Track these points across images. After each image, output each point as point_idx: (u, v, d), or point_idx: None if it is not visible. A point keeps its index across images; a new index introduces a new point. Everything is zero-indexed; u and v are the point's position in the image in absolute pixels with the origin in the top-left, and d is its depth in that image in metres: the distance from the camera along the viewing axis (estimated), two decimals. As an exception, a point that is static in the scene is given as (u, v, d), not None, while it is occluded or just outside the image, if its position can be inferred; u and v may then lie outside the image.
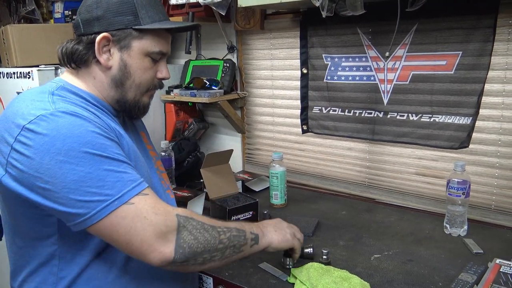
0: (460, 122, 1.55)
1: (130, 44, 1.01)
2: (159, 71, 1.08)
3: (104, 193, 0.86)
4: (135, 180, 0.91)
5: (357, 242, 1.41)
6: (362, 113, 1.79)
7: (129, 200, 0.88)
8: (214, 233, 0.96)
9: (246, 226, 1.06)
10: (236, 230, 1.01)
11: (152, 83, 1.08)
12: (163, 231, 0.89)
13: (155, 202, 0.92)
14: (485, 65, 1.46)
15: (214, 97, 1.99)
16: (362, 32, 1.72)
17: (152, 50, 1.03)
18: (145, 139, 1.24)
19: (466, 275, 1.15)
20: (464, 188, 1.38)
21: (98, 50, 0.99)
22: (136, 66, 1.03)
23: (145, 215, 0.88)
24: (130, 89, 1.04)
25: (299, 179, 2.08)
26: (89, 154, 0.86)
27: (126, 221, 0.87)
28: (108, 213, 0.86)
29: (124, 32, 1.00)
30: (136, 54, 1.02)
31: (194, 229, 0.93)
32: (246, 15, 2.01)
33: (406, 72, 1.64)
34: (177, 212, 0.94)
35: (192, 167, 2.05)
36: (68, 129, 0.86)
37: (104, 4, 0.99)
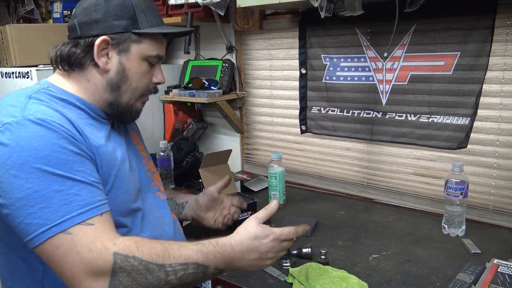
0: (458, 123, 1.55)
1: (129, 47, 1.01)
2: (155, 75, 1.08)
3: (45, 216, 0.80)
4: (85, 205, 0.84)
5: (355, 242, 1.41)
6: (361, 113, 1.79)
7: (67, 229, 0.81)
8: (160, 274, 0.86)
9: (213, 260, 0.93)
10: (195, 266, 0.90)
11: (147, 88, 1.08)
12: (94, 271, 0.81)
13: (95, 236, 0.83)
14: (483, 65, 1.46)
15: (213, 97, 1.99)
16: (361, 32, 1.72)
17: (150, 54, 1.03)
18: (136, 138, 1.22)
19: (464, 275, 1.15)
20: (462, 189, 1.38)
21: (97, 53, 0.98)
22: (134, 70, 1.02)
23: (79, 249, 0.81)
24: (125, 93, 1.03)
25: (297, 179, 2.09)
26: (41, 170, 0.81)
27: (59, 252, 0.81)
28: (44, 240, 0.80)
29: (123, 36, 1.00)
30: (134, 58, 1.02)
31: (133, 270, 0.83)
32: (245, 15, 2.01)
33: (404, 72, 1.65)
34: (116, 250, 0.83)
35: (191, 167, 2.05)
36: (28, 141, 0.83)
37: (103, 7, 0.99)
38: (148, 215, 1.08)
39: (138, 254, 0.85)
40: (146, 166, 1.18)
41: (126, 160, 1.05)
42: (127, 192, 1.01)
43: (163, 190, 1.22)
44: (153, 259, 0.86)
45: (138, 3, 1.01)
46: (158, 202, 1.16)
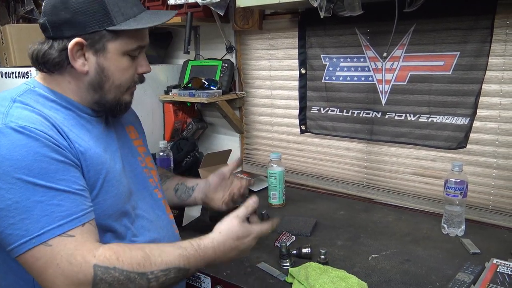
0: (458, 123, 1.56)
1: (105, 46, 0.94)
2: (139, 66, 1.03)
3: (25, 228, 0.80)
4: (66, 216, 0.83)
5: (355, 242, 1.41)
6: (360, 113, 1.79)
7: (47, 240, 0.80)
8: (142, 281, 0.86)
9: (194, 263, 0.94)
10: (177, 270, 0.91)
11: (133, 81, 1.03)
12: (75, 283, 0.81)
13: (75, 248, 0.82)
14: (483, 65, 1.47)
15: (212, 97, 1.99)
16: (360, 32, 1.72)
17: (130, 48, 0.97)
18: (133, 134, 1.19)
19: (463, 275, 1.15)
20: (461, 188, 1.39)
21: (72, 56, 0.93)
22: (114, 68, 0.97)
23: (58, 262, 0.80)
24: (109, 91, 0.99)
25: (297, 179, 2.09)
26: (22, 181, 0.80)
27: (39, 264, 0.81)
28: (24, 251, 0.80)
29: (98, 35, 0.93)
30: (113, 55, 0.96)
31: (115, 281, 0.83)
32: (245, 15, 2.01)
33: (404, 72, 1.65)
34: (95, 262, 0.82)
35: (191, 167, 2.05)
36: (9, 150, 0.81)
37: (72, 4, 0.91)
38: (141, 218, 1.06)
39: (119, 265, 0.84)
40: (142, 163, 1.16)
41: (118, 160, 1.03)
42: (117, 195, 0.98)
43: (160, 188, 1.21)
44: (134, 268, 0.86)
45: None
46: (154, 202, 1.14)
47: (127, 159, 1.09)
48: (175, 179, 1.42)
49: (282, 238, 1.42)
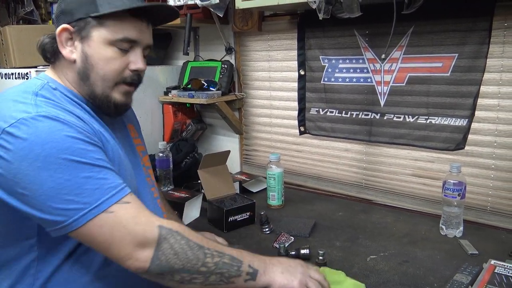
0: (456, 124, 1.56)
1: (90, 33, 0.95)
2: (132, 62, 1.00)
3: (82, 201, 0.83)
4: (115, 187, 0.88)
5: (353, 243, 1.41)
6: (359, 114, 1.80)
7: (108, 208, 0.85)
8: (199, 253, 0.90)
9: (247, 257, 0.96)
10: (230, 258, 0.93)
11: (121, 76, 1.00)
12: (142, 241, 0.86)
13: (137, 211, 0.89)
14: (481, 67, 1.47)
15: (212, 98, 1.99)
16: (359, 34, 1.73)
17: (115, 37, 0.96)
18: (133, 132, 1.20)
19: (461, 276, 1.15)
20: (459, 190, 1.39)
21: (60, 43, 0.97)
22: (97, 56, 0.96)
23: (125, 224, 0.86)
24: (96, 82, 0.98)
25: (296, 180, 2.09)
26: (68, 160, 0.84)
27: (104, 230, 0.85)
28: (85, 222, 0.83)
29: (83, 22, 0.95)
30: (96, 43, 0.96)
31: (176, 243, 0.89)
32: (244, 17, 2.02)
33: (402, 74, 1.65)
34: (160, 224, 0.89)
35: (190, 168, 2.06)
36: (48, 134, 0.84)
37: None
38: None
39: (182, 231, 0.91)
40: (141, 162, 1.17)
41: (126, 157, 1.05)
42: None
43: (157, 187, 1.22)
44: (194, 239, 0.91)
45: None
46: (152, 201, 1.15)
47: (130, 157, 1.10)
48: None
49: (280, 239, 1.42)
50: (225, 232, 1.51)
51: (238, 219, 1.55)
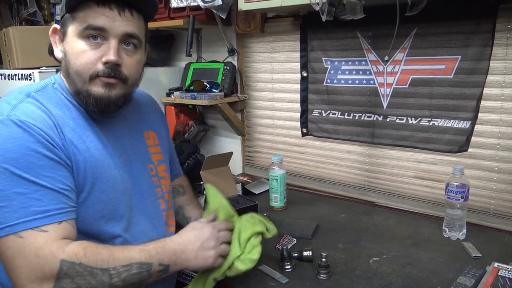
0: (459, 126, 1.56)
1: (67, 29, 0.96)
2: (104, 54, 0.94)
3: (2, 215, 0.83)
4: (43, 211, 0.86)
5: (356, 245, 1.41)
6: (362, 116, 1.80)
7: (20, 231, 0.83)
8: (104, 278, 0.88)
9: (157, 256, 0.95)
10: (139, 265, 0.92)
11: (94, 69, 0.94)
12: (39, 277, 0.84)
13: (45, 243, 0.85)
14: (484, 69, 1.47)
15: (214, 99, 1.99)
16: (362, 36, 1.72)
17: (80, 28, 0.93)
18: (151, 140, 1.18)
19: (464, 279, 1.15)
20: (463, 192, 1.39)
21: (54, 43, 1.00)
22: (70, 51, 0.95)
23: (27, 254, 0.83)
24: (74, 78, 0.96)
25: (298, 181, 2.09)
26: (8, 171, 0.84)
27: (8, 253, 0.84)
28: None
29: (64, 19, 0.96)
30: (70, 38, 0.95)
31: (78, 276, 0.86)
32: (247, 19, 2.02)
33: (405, 76, 1.65)
34: (63, 257, 0.85)
35: (192, 169, 2.05)
36: (4, 140, 0.85)
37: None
38: (133, 226, 1.06)
39: (84, 261, 0.87)
40: (152, 171, 1.15)
41: (122, 165, 1.04)
42: (107, 201, 0.99)
43: (167, 198, 1.19)
44: (98, 264, 0.88)
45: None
46: (154, 212, 1.13)
47: (135, 165, 1.10)
48: (180, 199, 1.37)
49: (283, 241, 1.42)
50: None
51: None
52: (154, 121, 1.23)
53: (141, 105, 1.21)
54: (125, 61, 0.98)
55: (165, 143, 1.25)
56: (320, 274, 1.20)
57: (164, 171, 1.20)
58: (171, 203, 1.24)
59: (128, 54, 0.99)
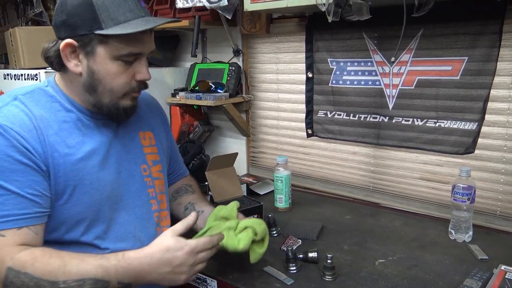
0: (466, 128, 1.55)
1: (95, 50, 0.96)
2: (137, 72, 1.01)
3: None
4: (3, 216, 0.87)
5: (361, 247, 1.41)
6: (367, 117, 1.79)
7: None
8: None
9: (115, 275, 0.91)
10: (93, 282, 0.89)
11: (129, 86, 1.01)
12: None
13: (0, 248, 0.86)
14: (491, 70, 1.46)
15: (219, 100, 1.99)
16: (368, 36, 1.72)
17: (121, 53, 0.97)
18: (147, 140, 1.18)
19: (471, 281, 1.14)
20: (469, 194, 1.38)
21: (65, 56, 0.98)
22: (104, 72, 0.98)
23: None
24: (103, 94, 1.00)
25: (303, 182, 2.09)
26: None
27: None
28: None
29: (87, 38, 0.95)
30: (102, 60, 0.97)
31: (24, 286, 0.86)
32: (252, 19, 2.01)
33: (411, 77, 1.64)
34: (10, 265, 0.86)
35: (197, 170, 2.05)
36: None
37: (68, 7, 0.94)
38: (118, 227, 1.07)
39: (31, 271, 0.87)
40: (145, 172, 1.15)
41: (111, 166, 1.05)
42: (90, 203, 1.01)
43: (160, 199, 1.18)
44: (45, 275, 0.87)
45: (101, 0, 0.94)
46: (145, 213, 1.13)
47: (128, 166, 1.10)
48: (190, 196, 1.37)
49: (288, 242, 1.42)
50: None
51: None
52: (152, 121, 1.23)
53: (140, 106, 1.21)
54: None
55: (163, 144, 1.25)
56: (326, 276, 1.20)
57: (159, 171, 1.20)
58: (166, 204, 1.23)
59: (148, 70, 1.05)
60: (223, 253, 1.14)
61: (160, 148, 1.22)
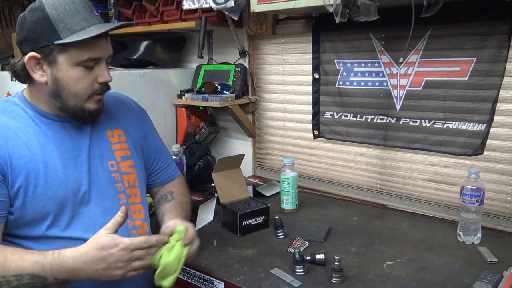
0: (474, 129, 1.54)
1: (57, 59, 1.05)
2: (99, 75, 1.10)
3: None
4: None
5: (369, 249, 1.40)
6: (374, 118, 1.78)
7: None
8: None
9: (51, 272, 0.97)
10: (31, 277, 0.96)
11: (92, 89, 1.10)
12: None
13: None
14: (500, 71, 1.45)
15: (225, 101, 1.99)
16: (375, 37, 1.71)
17: (80, 59, 1.05)
18: (116, 138, 1.24)
19: (480, 284, 1.13)
20: (478, 196, 1.37)
21: (30, 69, 1.07)
22: (67, 78, 1.06)
23: None
24: (68, 99, 1.08)
25: (310, 184, 2.08)
26: None
27: None
28: None
29: (48, 49, 1.04)
30: (64, 67, 1.05)
31: None
32: (258, 20, 2.01)
33: (419, 78, 1.63)
34: None
35: (203, 171, 2.06)
36: None
37: (26, 24, 1.04)
38: (86, 219, 1.13)
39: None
40: (113, 167, 1.20)
41: (73, 165, 1.12)
42: (54, 198, 1.08)
43: (130, 193, 1.22)
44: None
45: (55, 12, 1.02)
46: (112, 206, 1.16)
47: (94, 162, 1.17)
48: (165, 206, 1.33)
49: (295, 244, 1.41)
50: (239, 236, 1.50)
51: (252, 223, 1.54)
52: (123, 119, 1.29)
53: (111, 106, 1.28)
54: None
55: (136, 140, 1.29)
56: (333, 278, 1.19)
57: (130, 166, 1.25)
58: (140, 198, 1.26)
59: (109, 72, 1.13)
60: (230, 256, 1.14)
61: (131, 145, 1.27)
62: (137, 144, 1.30)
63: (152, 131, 1.40)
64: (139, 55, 2.27)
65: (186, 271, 1.35)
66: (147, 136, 1.36)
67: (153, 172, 1.39)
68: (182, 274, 1.36)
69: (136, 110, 1.37)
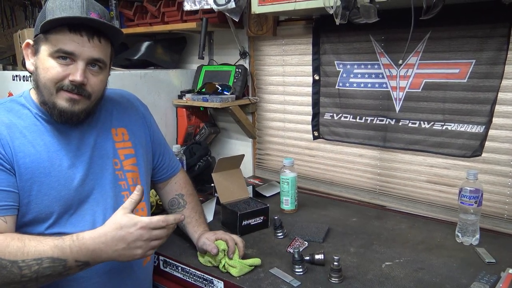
0: (473, 131, 1.55)
1: (40, 48, 1.07)
2: (71, 74, 1.06)
3: None
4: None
5: (367, 249, 1.40)
6: (374, 120, 1.79)
7: None
8: (13, 269, 0.93)
9: (71, 255, 0.97)
10: (51, 260, 0.95)
11: (60, 83, 1.05)
12: None
13: None
14: (499, 73, 1.46)
15: (225, 102, 2.00)
16: (375, 39, 1.72)
17: (53, 49, 1.05)
18: (120, 136, 1.25)
19: (478, 285, 1.14)
20: (476, 197, 1.37)
21: (26, 56, 1.11)
22: (42, 67, 1.07)
23: None
24: (42, 90, 1.08)
25: (309, 185, 2.09)
26: None
27: None
28: None
29: (38, 38, 1.07)
30: (43, 56, 1.07)
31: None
32: (259, 21, 2.02)
33: (418, 79, 1.64)
34: None
35: (203, 171, 2.06)
36: None
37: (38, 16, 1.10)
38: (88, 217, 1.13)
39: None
40: (117, 165, 1.21)
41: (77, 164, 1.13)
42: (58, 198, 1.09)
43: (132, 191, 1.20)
44: (6, 256, 0.94)
45: (51, 5, 1.05)
46: (116, 203, 1.17)
47: (98, 161, 1.18)
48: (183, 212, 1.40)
49: (294, 244, 1.42)
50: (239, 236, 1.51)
51: (252, 223, 1.55)
52: (127, 118, 1.30)
53: (115, 104, 1.29)
54: (90, 81, 1.09)
55: (140, 139, 1.30)
56: (332, 278, 1.20)
57: (133, 165, 1.26)
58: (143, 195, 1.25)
59: (93, 74, 1.10)
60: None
61: (135, 142, 1.28)
62: (141, 141, 1.31)
63: (155, 126, 1.41)
64: (140, 55, 2.28)
65: (186, 270, 1.35)
66: (151, 132, 1.37)
67: (158, 167, 1.41)
68: (182, 274, 1.37)
69: (140, 107, 1.38)
